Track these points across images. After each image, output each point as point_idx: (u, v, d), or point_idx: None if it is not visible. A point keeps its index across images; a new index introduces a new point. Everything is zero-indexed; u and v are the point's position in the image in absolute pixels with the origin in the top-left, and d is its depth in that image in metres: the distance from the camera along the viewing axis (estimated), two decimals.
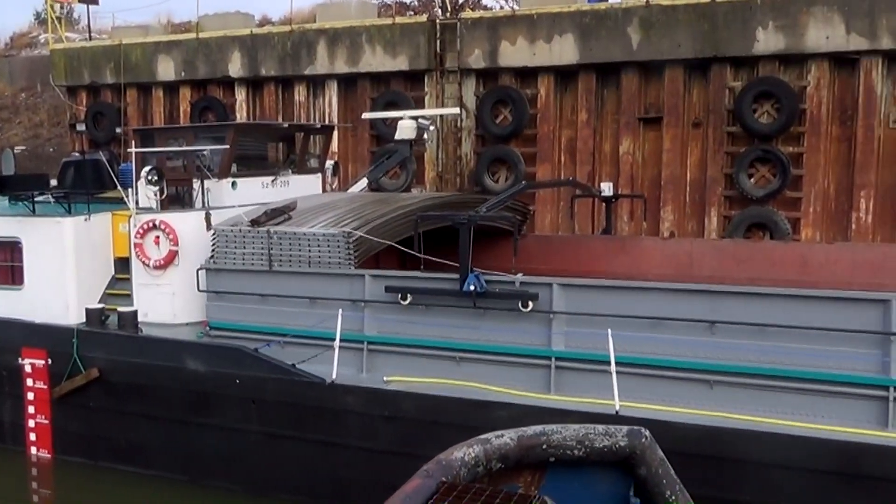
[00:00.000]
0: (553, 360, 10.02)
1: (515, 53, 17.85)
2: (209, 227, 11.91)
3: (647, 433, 2.64)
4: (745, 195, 16.10)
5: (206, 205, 12.52)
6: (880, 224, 15.47)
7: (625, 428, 2.65)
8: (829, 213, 15.88)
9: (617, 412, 9.17)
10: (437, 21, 19.15)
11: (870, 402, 8.98)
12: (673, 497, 2.55)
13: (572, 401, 9.69)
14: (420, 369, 10.53)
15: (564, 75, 17.79)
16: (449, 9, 23.16)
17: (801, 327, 9.08)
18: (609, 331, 9.50)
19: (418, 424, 10.05)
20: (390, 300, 10.66)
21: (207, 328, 11.87)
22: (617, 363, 9.42)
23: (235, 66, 20.97)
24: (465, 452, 2.62)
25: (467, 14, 19.02)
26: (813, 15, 15.51)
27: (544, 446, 2.60)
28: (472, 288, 9.96)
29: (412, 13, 26.83)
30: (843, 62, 15.64)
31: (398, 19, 19.87)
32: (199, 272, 11.90)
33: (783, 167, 15.76)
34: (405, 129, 14.10)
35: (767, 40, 15.79)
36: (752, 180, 16.17)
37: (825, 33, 15.44)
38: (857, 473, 8.66)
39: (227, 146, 12.96)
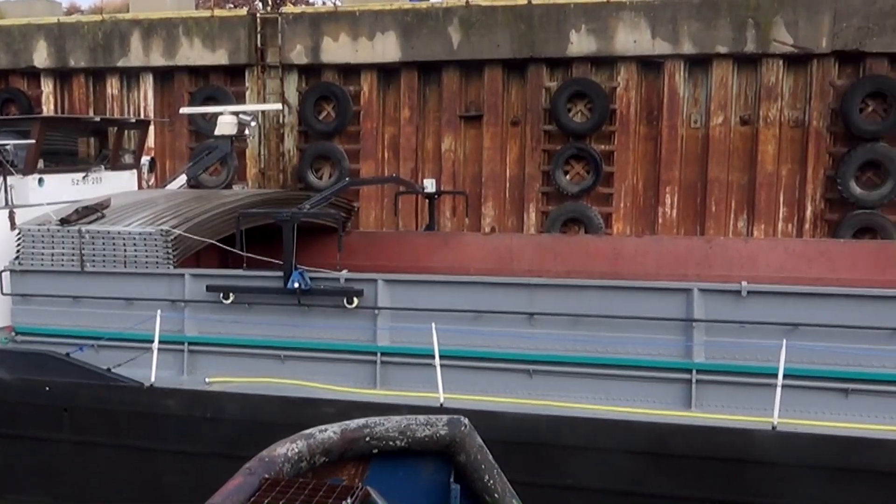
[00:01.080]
0: (378, 355, 10.09)
1: (338, 50, 17.81)
2: (13, 226, 11.22)
3: (467, 421, 2.73)
4: (562, 191, 16.75)
5: (10, 203, 11.79)
6: (683, 218, 16.49)
7: (445, 417, 2.73)
8: (638, 207, 16.77)
9: (441, 404, 9.35)
10: (258, 15, 18.82)
11: (675, 384, 9.56)
12: (491, 482, 2.66)
13: (398, 395, 9.81)
14: (244, 369, 10.35)
15: (387, 73, 17.91)
16: (270, 3, 22.79)
17: (614, 316, 9.56)
18: (433, 325, 9.67)
19: (243, 425, 9.87)
20: (212, 300, 10.42)
21: (13, 333, 11.19)
22: (441, 356, 9.60)
23: (41, 57, 19.82)
24: (287, 448, 2.63)
25: (289, 9, 18.79)
26: (622, 20, 16.32)
27: (367, 438, 2.64)
28: (296, 285, 9.88)
29: (232, 6, 26.21)
30: (650, 65, 16.54)
31: (217, 12, 19.37)
32: (3, 274, 11.20)
33: (596, 164, 16.52)
34: (225, 125, 13.79)
35: (580, 43, 16.49)
36: (567, 177, 16.84)
37: (633, 37, 16.28)
38: (666, 452, 9.18)
39: (33, 140, 12.25)
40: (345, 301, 10.07)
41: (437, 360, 9.56)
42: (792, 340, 9.19)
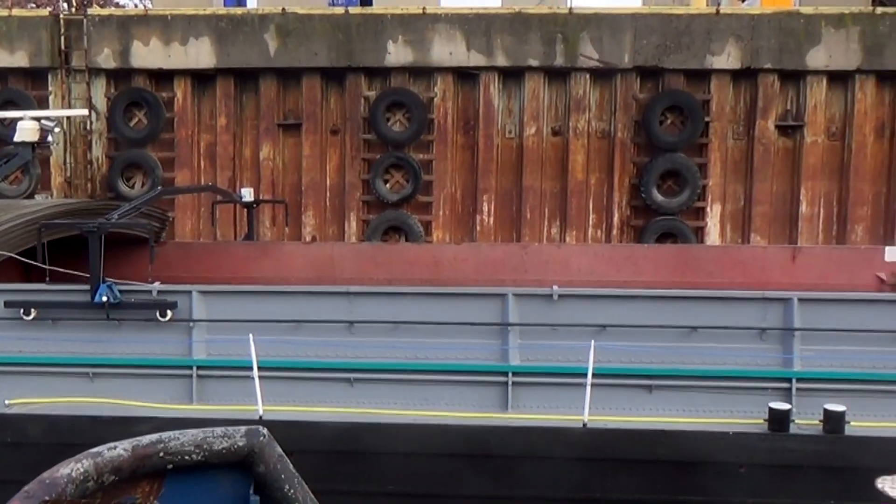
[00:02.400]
0: (194, 369, 9.81)
1: (149, 55, 17.20)
2: None
3: (265, 431, 2.71)
4: (382, 200, 16.86)
5: None
6: (500, 226, 16.97)
7: (243, 428, 2.70)
8: (457, 215, 17.12)
9: (261, 417, 9.20)
10: (62, 16, 17.89)
11: (492, 387, 9.81)
12: (292, 491, 2.64)
13: (215, 409, 9.58)
14: (49, 389, 9.79)
15: (202, 79, 17.46)
16: (74, 4, 21.72)
17: (432, 322, 9.71)
18: (251, 336, 9.50)
19: (49, 449, 9.33)
20: (11, 316, 9.81)
21: None
22: (260, 368, 9.44)
23: None
24: (72, 468, 2.51)
25: (95, 11, 17.99)
26: (438, 32, 16.63)
27: (161, 454, 2.57)
28: (104, 299, 9.46)
29: (34, 5, 24.80)
30: (466, 76, 16.93)
31: (16, 12, 18.29)
32: None
33: (415, 173, 16.73)
34: (26, 131, 13.01)
35: (398, 53, 16.67)
36: (387, 186, 16.97)
37: (449, 49, 16.62)
38: (484, 453, 9.41)
39: None
40: (157, 314, 9.73)
41: (255, 372, 9.40)
42: (600, 341, 9.62)
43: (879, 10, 16.38)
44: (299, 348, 9.79)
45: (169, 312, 9.72)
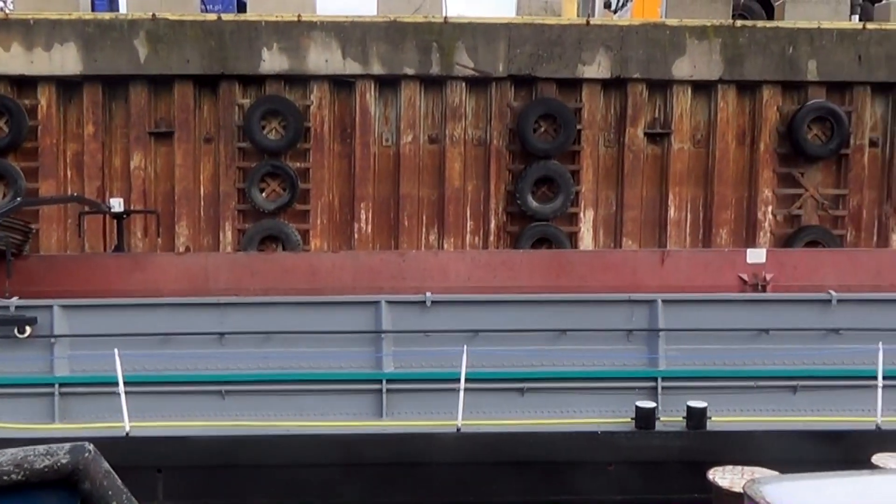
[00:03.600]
0: (56, 386, 9.47)
1: (11, 60, 16.48)
2: None
3: (91, 447, 2.64)
4: (258, 209, 16.62)
5: None
6: (378, 233, 16.96)
7: (67, 445, 2.62)
8: (335, 224, 17.02)
9: (128, 433, 8.95)
10: None
11: (367, 395, 9.81)
12: None
13: (79, 427, 9.27)
14: None
15: (68, 86, 16.84)
16: None
17: (304, 332, 9.65)
18: (116, 350, 9.23)
19: None
20: None
21: None
22: (126, 383, 9.19)
23: None
24: None
25: None
26: (313, 39, 16.52)
27: None
28: None
29: None
30: (342, 84, 16.87)
31: None
32: None
33: (292, 182, 16.56)
34: None
35: (272, 60, 16.48)
36: (263, 194, 16.74)
37: (325, 57, 16.53)
38: (360, 462, 9.40)
39: None
40: (16, 330, 9.35)
41: (121, 388, 9.13)
42: (473, 346, 9.75)
43: (739, 23, 17.11)
44: (168, 362, 9.58)
45: (28, 328, 9.35)
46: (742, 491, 3.58)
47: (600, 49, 16.77)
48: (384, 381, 9.73)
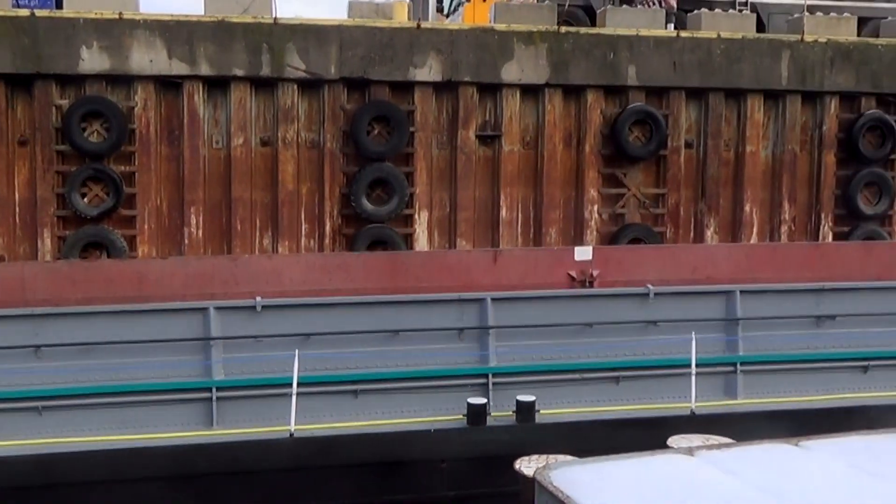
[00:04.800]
0: None
1: None
2: None
3: None
4: (80, 215, 15.86)
5: None
6: (210, 238, 16.53)
7: None
8: (164, 229, 16.47)
9: None
10: None
11: (196, 404, 9.56)
12: None
13: None
14: None
15: None
16: None
17: (126, 342, 9.30)
18: None
19: None
20: None
21: None
22: None
23: None
24: None
25: None
26: (136, 38, 15.93)
27: None
28: None
29: None
30: (168, 85, 16.35)
31: None
32: None
33: (116, 186, 15.91)
34: None
35: (93, 60, 15.78)
36: (85, 200, 15.99)
37: (149, 57, 15.98)
38: (191, 473, 9.14)
39: None
40: None
41: None
42: (305, 349, 9.67)
43: (564, 29, 17.73)
44: None
45: None
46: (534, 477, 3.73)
47: (431, 52, 16.98)
48: (214, 389, 9.50)
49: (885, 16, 21.36)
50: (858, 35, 19.55)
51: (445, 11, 25.57)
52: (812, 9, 19.91)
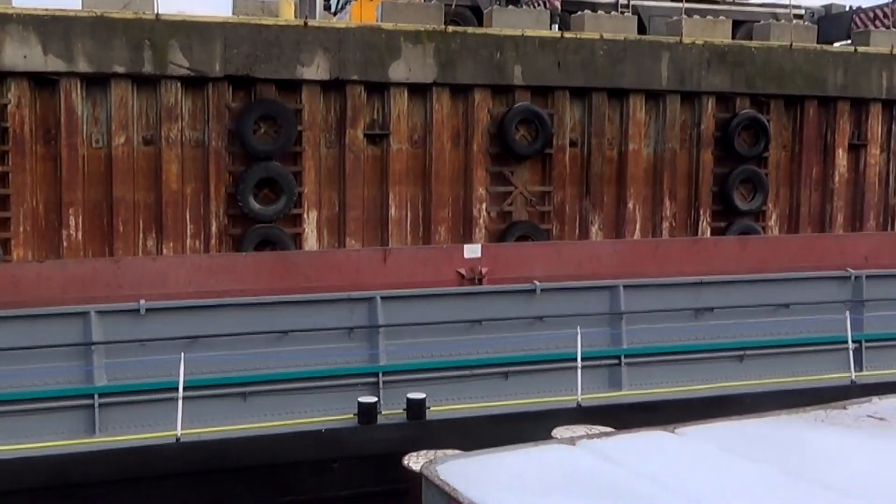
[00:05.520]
0: None
1: None
2: None
3: None
4: None
5: None
6: (90, 240, 16.01)
7: None
8: (40, 231, 15.87)
9: None
10: None
11: (76, 412, 9.25)
12: None
13: None
14: None
15: None
16: None
17: (6, 349, 8.95)
18: None
19: None
20: None
21: None
22: None
23: None
24: None
25: None
26: (9, 33, 15.29)
27: None
28: None
29: None
30: (44, 82, 15.76)
31: None
32: None
33: None
34: None
35: None
36: None
37: (23, 53, 15.36)
38: (72, 483, 8.85)
39: None
40: None
41: None
42: (192, 352, 9.48)
43: (451, 28, 17.88)
44: None
45: None
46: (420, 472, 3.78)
47: (319, 51, 16.87)
48: (96, 396, 9.21)
49: (757, 19, 22.36)
50: (733, 38, 20.38)
51: (333, 9, 25.44)
52: (690, 12, 20.65)
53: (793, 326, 12.76)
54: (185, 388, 9.13)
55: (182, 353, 9.24)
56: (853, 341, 12.53)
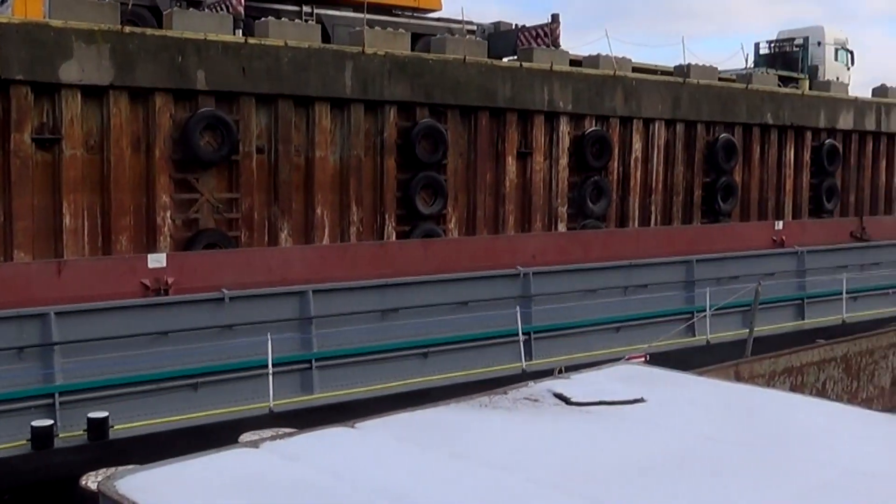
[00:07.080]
0: None
1: None
2: None
3: None
4: None
5: None
6: None
7: None
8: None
9: None
10: None
11: None
12: None
13: None
14: None
15: None
16: None
17: None
18: None
19: None
20: None
21: None
22: None
23: None
24: None
25: None
26: None
27: None
28: None
29: None
30: None
31: None
32: None
33: None
34: None
35: None
36: None
37: None
38: None
39: None
40: None
41: None
42: None
43: (128, 29, 17.11)
44: None
45: None
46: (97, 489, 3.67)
47: None
48: None
49: (434, 33, 23.57)
50: (412, 49, 21.33)
51: None
52: (371, 23, 21.33)
53: (472, 322, 13.64)
54: None
55: None
56: (523, 333, 13.63)
